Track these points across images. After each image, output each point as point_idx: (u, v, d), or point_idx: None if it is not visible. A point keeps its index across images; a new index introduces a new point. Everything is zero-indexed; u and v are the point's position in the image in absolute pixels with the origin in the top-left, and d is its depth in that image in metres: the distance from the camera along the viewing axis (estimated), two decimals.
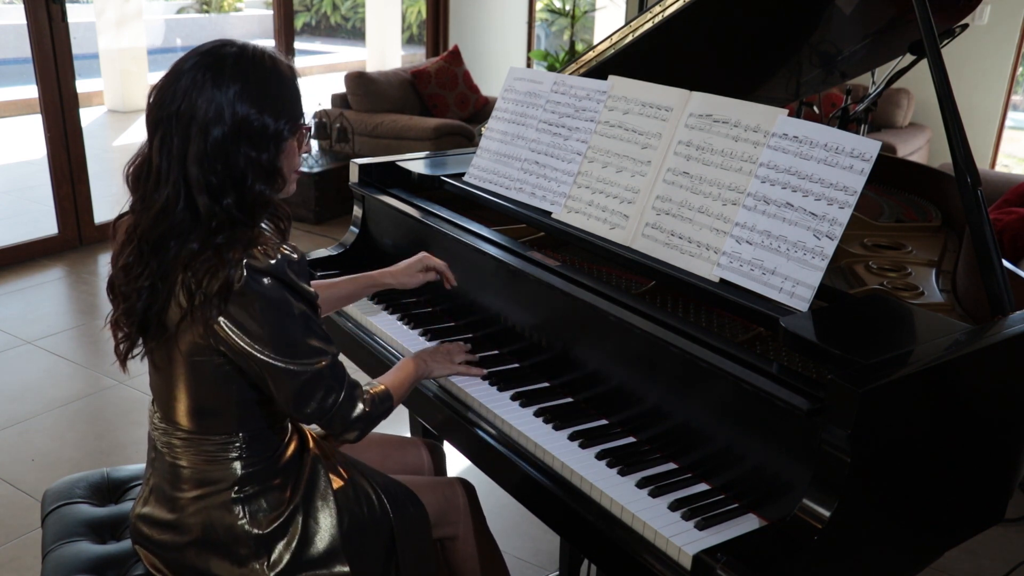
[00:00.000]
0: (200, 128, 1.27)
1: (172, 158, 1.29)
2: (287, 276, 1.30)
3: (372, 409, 1.45)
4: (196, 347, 1.33)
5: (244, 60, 1.31)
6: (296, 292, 1.32)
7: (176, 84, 1.29)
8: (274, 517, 1.42)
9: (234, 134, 1.28)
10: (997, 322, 1.43)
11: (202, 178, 1.28)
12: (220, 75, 1.28)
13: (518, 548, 2.47)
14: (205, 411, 1.39)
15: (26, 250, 4.56)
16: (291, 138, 1.36)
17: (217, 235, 1.29)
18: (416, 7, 12.29)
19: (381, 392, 1.50)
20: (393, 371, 1.61)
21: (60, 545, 1.55)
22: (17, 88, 8.32)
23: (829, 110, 2.75)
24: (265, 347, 1.30)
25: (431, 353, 1.69)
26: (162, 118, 1.30)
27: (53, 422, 3.04)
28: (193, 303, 1.27)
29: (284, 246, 1.32)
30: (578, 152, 1.81)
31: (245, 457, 1.41)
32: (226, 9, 13.96)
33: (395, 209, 2.08)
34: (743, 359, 1.34)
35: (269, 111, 1.31)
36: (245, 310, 1.28)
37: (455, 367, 1.68)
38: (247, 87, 1.29)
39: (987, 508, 1.52)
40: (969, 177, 1.51)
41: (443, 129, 5.29)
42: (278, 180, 1.36)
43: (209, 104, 1.27)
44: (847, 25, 2.29)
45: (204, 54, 1.31)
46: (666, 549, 1.26)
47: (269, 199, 1.35)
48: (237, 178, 1.30)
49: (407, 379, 1.60)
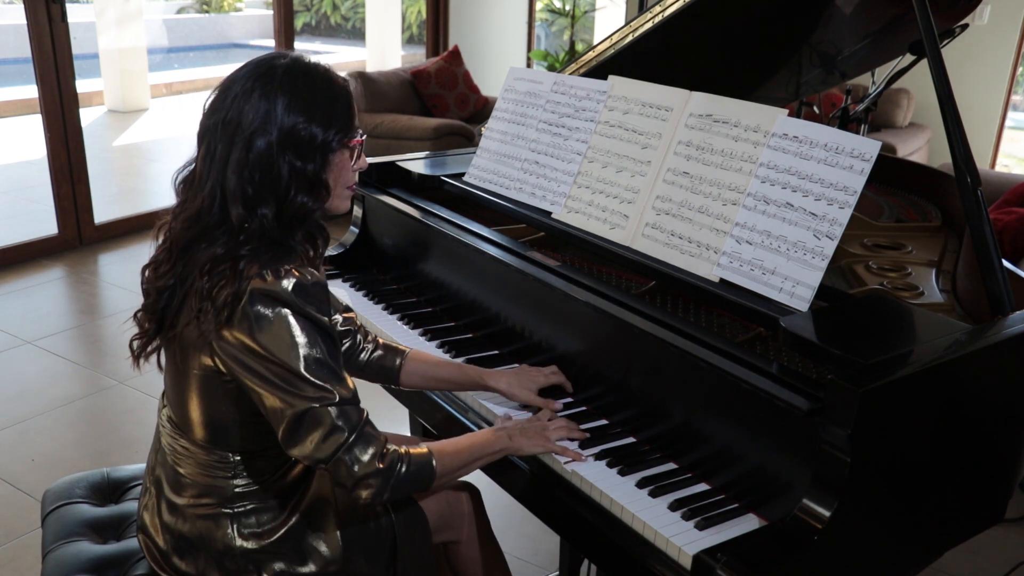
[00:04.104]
0: (245, 137, 1.26)
1: (214, 165, 1.29)
2: (293, 301, 1.24)
3: (395, 469, 1.28)
4: (203, 365, 1.32)
5: (295, 70, 1.30)
6: (304, 317, 1.25)
7: (227, 94, 1.29)
8: (266, 533, 1.41)
9: (280, 143, 1.27)
10: (997, 322, 1.43)
11: (238, 188, 1.27)
12: (270, 84, 1.28)
13: (518, 548, 2.47)
14: (214, 424, 1.38)
15: (26, 250, 4.56)
16: (340, 150, 1.33)
17: (245, 245, 1.27)
18: (416, 7, 12.29)
19: (417, 456, 1.32)
20: (465, 436, 1.43)
21: (60, 545, 1.55)
22: (17, 88, 8.32)
23: (829, 110, 2.75)
24: (257, 374, 1.25)
25: (521, 429, 1.46)
26: (209, 127, 1.30)
27: (53, 422, 3.04)
28: (201, 308, 1.27)
29: (302, 269, 1.28)
30: (578, 152, 1.81)
31: (240, 477, 1.40)
32: (226, 9, 13.96)
33: (395, 209, 2.08)
34: (743, 359, 1.34)
35: (318, 121, 1.29)
36: (245, 332, 1.25)
37: (551, 445, 1.43)
38: (296, 96, 1.28)
39: (987, 508, 1.52)
40: (969, 177, 1.51)
41: (443, 129, 5.28)
42: (322, 192, 1.32)
43: (256, 113, 1.26)
44: (847, 25, 2.29)
45: (256, 64, 1.31)
46: (666, 549, 1.26)
47: (310, 212, 1.31)
48: (279, 188, 1.28)
49: (472, 449, 1.40)
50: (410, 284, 2.09)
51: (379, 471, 1.27)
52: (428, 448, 1.35)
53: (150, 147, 7.92)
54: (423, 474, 1.33)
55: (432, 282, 2.00)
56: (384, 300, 2.03)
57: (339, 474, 1.26)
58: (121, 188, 6.51)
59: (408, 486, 1.32)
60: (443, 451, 1.37)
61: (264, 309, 1.24)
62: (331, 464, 1.26)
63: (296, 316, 1.25)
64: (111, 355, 3.57)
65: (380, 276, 2.19)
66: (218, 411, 1.37)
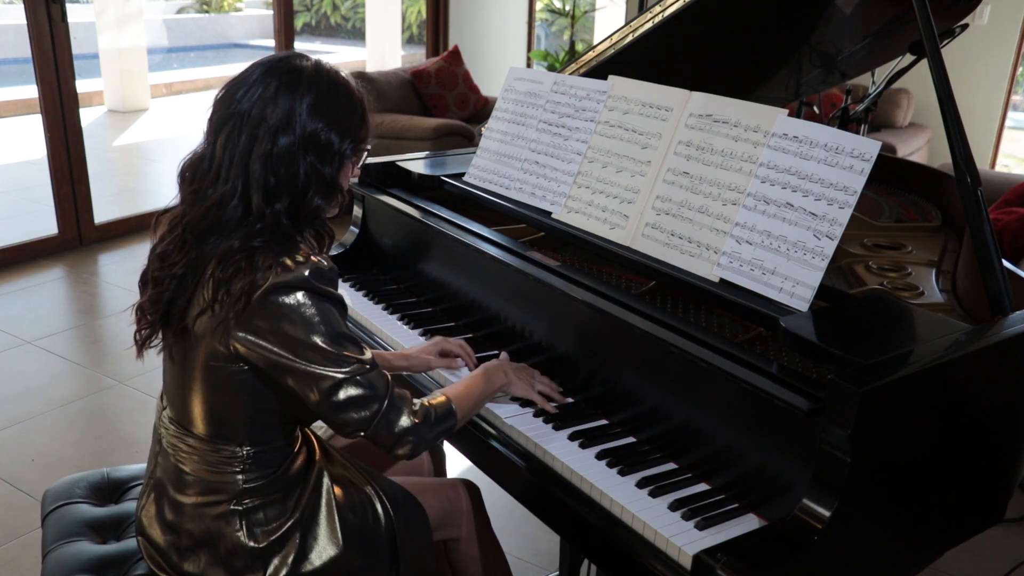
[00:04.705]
0: (269, 131, 1.29)
1: (236, 153, 1.30)
2: (315, 285, 1.29)
3: (425, 422, 1.37)
4: (214, 354, 1.33)
5: (320, 74, 1.33)
6: (325, 298, 1.30)
7: (246, 87, 1.31)
8: (272, 531, 1.41)
9: (303, 144, 1.30)
10: (997, 322, 1.43)
11: (262, 176, 1.29)
12: (295, 85, 1.30)
13: (518, 548, 2.47)
14: (219, 418, 1.39)
15: (26, 250, 4.56)
16: (351, 158, 1.37)
17: (258, 237, 1.29)
18: (416, 7, 12.29)
19: (439, 405, 1.42)
20: (463, 380, 1.53)
21: (60, 545, 1.55)
22: (17, 88, 8.32)
23: (829, 110, 2.75)
24: (295, 354, 1.28)
25: (515, 368, 1.60)
26: (230, 115, 1.31)
27: (53, 422, 3.04)
28: (216, 299, 1.28)
29: (317, 256, 1.32)
30: (578, 152, 1.81)
31: (249, 471, 1.40)
32: (226, 9, 13.96)
33: (395, 209, 2.08)
34: (743, 359, 1.34)
35: (337, 129, 1.33)
36: (271, 321, 1.27)
37: (533, 393, 1.58)
38: (320, 101, 1.31)
39: (987, 508, 1.52)
40: (969, 177, 1.51)
41: (443, 129, 5.28)
42: (336, 196, 1.37)
43: (281, 111, 1.29)
44: (847, 25, 2.29)
45: (278, 61, 1.33)
46: (666, 549, 1.26)
47: (322, 212, 1.36)
48: (296, 185, 1.31)
49: (478, 387, 1.51)
50: (410, 284, 2.09)
51: (415, 427, 1.36)
52: (445, 396, 1.45)
53: (150, 147, 7.92)
54: (449, 420, 1.42)
55: (432, 282, 2.00)
56: (384, 300, 2.03)
57: (379, 437, 1.34)
58: (121, 188, 6.51)
59: (439, 435, 1.42)
60: (458, 395, 1.47)
61: (285, 297, 1.27)
62: (371, 430, 1.33)
63: (314, 296, 1.29)
64: (111, 355, 3.57)
65: (380, 276, 2.19)
66: (223, 404, 1.38)
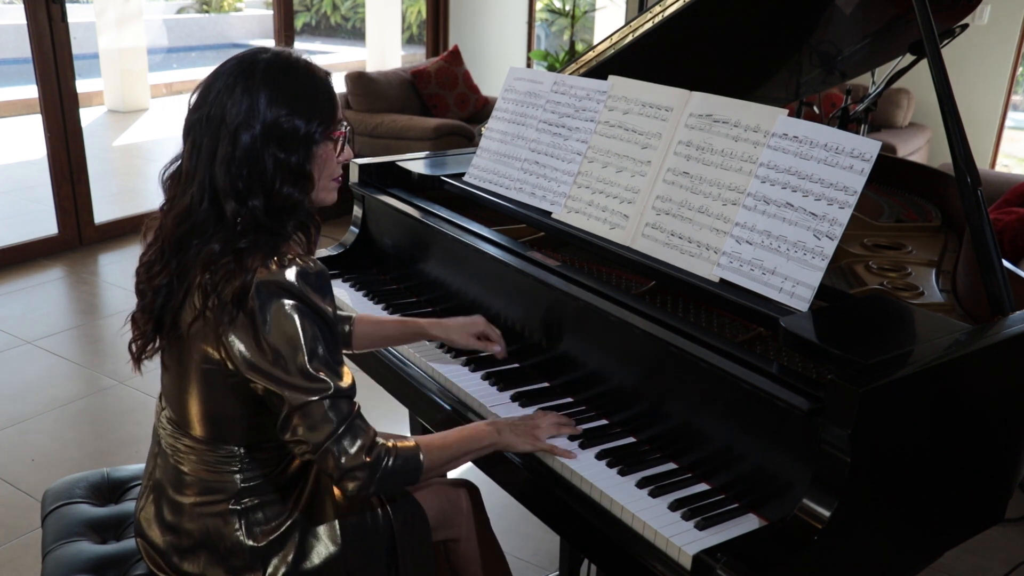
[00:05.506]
0: (230, 132, 1.27)
1: (200, 160, 1.29)
2: (298, 290, 1.26)
3: (381, 462, 1.29)
4: (208, 357, 1.32)
5: (276, 64, 1.31)
6: (307, 307, 1.27)
7: (210, 90, 1.30)
8: (271, 530, 1.41)
9: (264, 136, 1.28)
10: (997, 322, 1.43)
11: (228, 183, 1.28)
12: (251, 79, 1.29)
13: (518, 548, 2.47)
14: (215, 419, 1.39)
15: (26, 250, 4.56)
16: (324, 142, 1.34)
17: (241, 238, 1.28)
18: (416, 7, 12.28)
19: (404, 450, 1.32)
20: (451, 430, 1.44)
21: (60, 545, 1.55)
22: (17, 88, 8.32)
23: (829, 110, 2.75)
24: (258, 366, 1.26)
25: (512, 425, 1.47)
26: (194, 123, 1.31)
27: (53, 422, 3.04)
28: (207, 305, 1.27)
29: (303, 258, 1.29)
30: (578, 152, 1.81)
31: (246, 471, 1.40)
32: (226, 9, 13.96)
33: (395, 209, 2.08)
34: (743, 359, 1.34)
35: (300, 113, 1.30)
36: (249, 325, 1.26)
37: (540, 444, 1.45)
38: (278, 89, 1.29)
39: (987, 508, 1.52)
40: (969, 177, 1.51)
41: (443, 129, 5.28)
42: (307, 184, 1.33)
43: (239, 107, 1.28)
44: (847, 25, 2.29)
45: (239, 60, 1.32)
46: (666, 549, 1.26)
47: (298, 203, 1.32)
48: (265, 180, 1.29)
49: (461, 443, 1.42)
50: (410, 284, 2.09)
51: (365, 464, 1.28)
52: (416, 442, 1.36)
53: (150, 147, 7.92)
54: (410, 467, 1.33)
55: (432, 282, 2.00)
56: (384, 300, 2.03)
57: (326, 465, 1.28)
58: (121, 188, 6.51)
59: (395, 480, 1.33)
60: (431, 445, 1.38)
61: (268, 301, 1.25)
62: (319, 454, 1.27)
63: (298, 307, 1.26)
64: (111, 355, 3.57)
65: (380, 276, 2.19)
66: (219, 405, 1.37)
